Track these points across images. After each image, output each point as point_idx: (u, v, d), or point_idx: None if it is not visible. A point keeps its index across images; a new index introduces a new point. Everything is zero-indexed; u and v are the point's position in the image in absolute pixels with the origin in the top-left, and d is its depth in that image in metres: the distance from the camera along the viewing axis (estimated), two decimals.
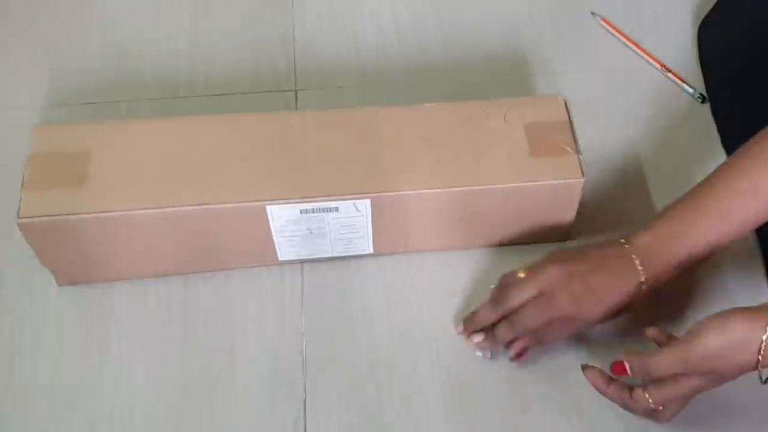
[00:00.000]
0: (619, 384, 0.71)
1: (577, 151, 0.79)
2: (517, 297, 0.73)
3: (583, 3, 1.05)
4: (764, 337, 0.61)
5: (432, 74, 0.99)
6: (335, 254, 0.83)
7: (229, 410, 0.76)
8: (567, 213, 0.82)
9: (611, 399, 0.71)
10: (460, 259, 0.85)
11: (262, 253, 0.81)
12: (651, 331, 0.74)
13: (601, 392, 0.72)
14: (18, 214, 0.74)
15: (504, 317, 0.74)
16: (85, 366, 0.78)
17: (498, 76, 0.99)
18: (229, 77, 0.98)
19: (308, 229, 0.79)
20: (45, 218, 0.74)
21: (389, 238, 0.82)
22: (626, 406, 0.71)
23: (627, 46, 1.02)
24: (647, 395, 0.68)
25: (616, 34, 1.02)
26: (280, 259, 0.83)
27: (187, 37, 1.02)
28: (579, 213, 0.83)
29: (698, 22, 1.03)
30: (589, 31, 1.03)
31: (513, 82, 0.99)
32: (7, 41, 1.01)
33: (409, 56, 1.01)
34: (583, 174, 0.78)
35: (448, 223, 0.81)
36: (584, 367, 0.73)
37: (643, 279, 0.72)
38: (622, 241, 0.73)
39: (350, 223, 0.79)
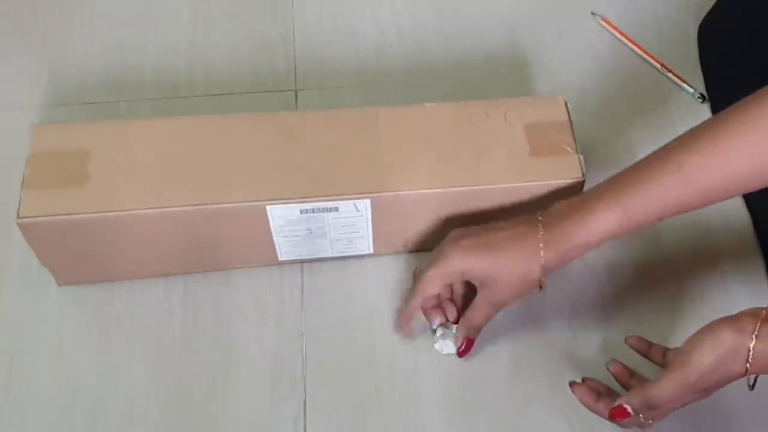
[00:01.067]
0: (608, 400, 0.70)
1: (577, 151, 0.79)
2: (420, 267, 0.75)
3: (583, 3, 1.05)
4: (751, 345, 0.61)
5: (432, 74, 0.99)
6: (335, 254, 0.83)
7: (229, 410, 0.76)
8: None
9: (601, 415, 0.70)
10: None
11: (262, 253, 0.81)
12: (632, 340, 0.74)
13: (590, 409, 0.71)
14: (18, 214, 0.73)
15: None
16: (85, 366, 0.78)
17: (498, 76, 0.99)
18: (229, 77, 0.98)
19: (308, 229, 0.79)
20: (45, 218, 0.74)
21: (389, 238, 0.82)
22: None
23: (627, 46, 1.02)
24: (640, 416, 0.67)
25: (616, 34, 1.02)
26: (280, 259, 0.83)
27: (187, 37, 1.02)
28: None
29: (698, 22, 1.03)
30: (589, 31, 1.03)
31: (513, 82, 0.99)
32: (7, 41, 1.01)
33: (409, 56, 1.01)
34: (583, 174, 0.78)
35: (448, 223, 0.81)
36: (572, 384, 0.73)
37: (541, 244, 0.70)
38: (539, 216, 0.72)
39: (350, 223, 0.79)
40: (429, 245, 0.84)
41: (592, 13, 1.04)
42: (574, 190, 0.79)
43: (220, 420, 0.76)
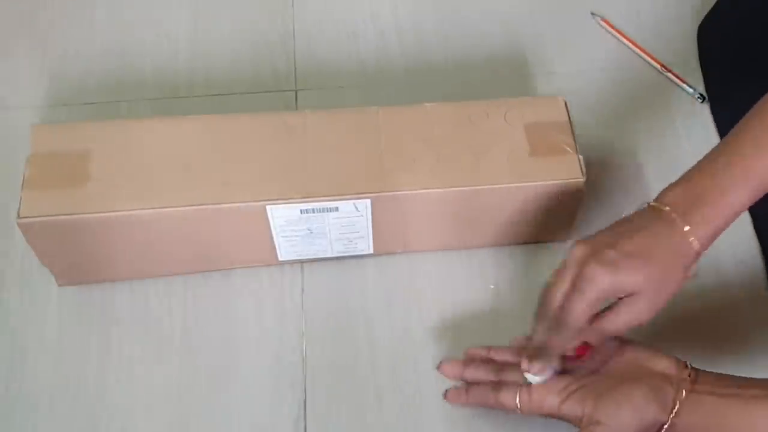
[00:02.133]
0: (480, 389, 0.71)
1: (577, 151, 0.79)
2: (555, 293, 0.66)
3: (583, 3, 1.05)
4: (668, 423, 0.62)
5: (432, 74, 0.99)
6: (335, 254, 0.83)
7: (229, 410, 0.76)
8: (567, 213, 0.82)
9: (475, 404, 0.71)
10: (460, 259, 0.85)
11: (262, 253, 0.81)
12: (517, 340, 0.74)
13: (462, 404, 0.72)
14: (18, 214, 0.73)
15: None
16: (85, 366, 0.78)
17: (498, 76, 0.99)
18: (229, 77, 0.98)
19: (308, 229, 0.79)
20: (45, 218, 0.74)
21: (389, 238, 0.82)
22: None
23: (627, 46, 1.02)
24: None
25: (616, 34, 1.02)
26: (280, 259, 0.83)
27: (187, 37, 1.02)
28: (579, 213, 0.83)
29: (698, 22, 1.03)
30: (589, 31, 1.03)
31: (513, 82, 0.99)
32: (7, 41, 1.01)
33: (409, 56, 1.01)
34: (583, 174, 0.78)
35: (448, 223, 0.81)
36: (445, 394, 0.73)
37: (687, 230, 0.64)
38: (651, 203, 0.67)
39: (350, 223, 0.79)
40: (429, 245, 0.84)
41: (592, 14, 1.04)
42: (574, 190, 0.79)
43: (220, 419, 0.76)
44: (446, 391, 0.73)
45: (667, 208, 0.65)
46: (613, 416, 0.63)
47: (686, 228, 0.64)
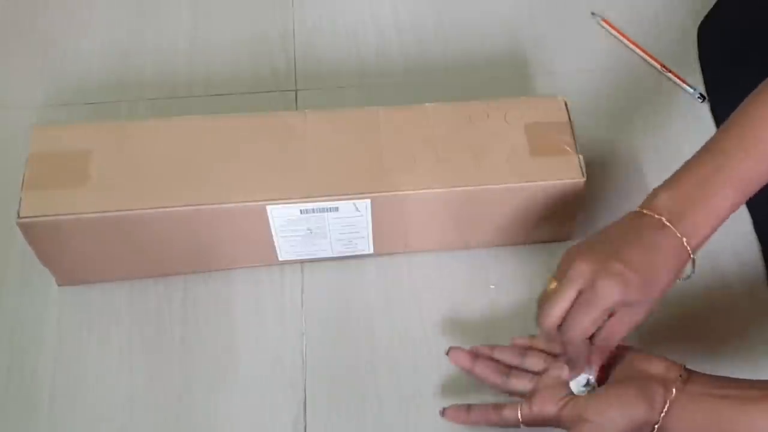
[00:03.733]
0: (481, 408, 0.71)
1: (577, 151, 0.79)
2: (558, 308, 0.64)
3: (583, 3, 1.05)
4: (658, 424, 0.62)
5: (432, 74, 0.99)
6: (335, 254, 0.83)
7: (229, 410, 0.76)
8: (567, 213, 0.82)
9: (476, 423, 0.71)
10: (460, 259, 0.85)
11: (262, 253, 0.81)
12: (518, 340, 0.74)
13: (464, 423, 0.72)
14: (18, 214, 0.73)
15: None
16: (85, 366, 0.78)
17: (498, 76, 0.99)
18: (229, 77, 0.98)
19: (308, 229, 0.79)
20: (45, 218, 0.74)
21: (389, 238, 0.82)
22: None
23: (627, 46, 1.02)
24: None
25: (616, 34, 1.02)
26: (280, 259, 0.83)
27: (187, 37, 1.02)
28: (579, 213, 0.83)
29: (698, 22, 1.03)
30: (589, 31, 1.03)
31: (513, 82, 0.99)
32: (7, 41, 1.01)
33: (409, 56, 1.01)
34: (583, 174, 0.78)
35: (449, 223, 0.81)
36: (442, 412, 0.73)
37: (680, 236, 0.64)
38: (641, 210, 0.67)
39: (350, 223, 0.79)
40: (429, 245, 0.84)
41: (592, 13, 1.04)
42: (574, 190, 0.79)
43: (220, 420, 0.76)
44: (444, 409, 0.73)
45: (659, 216, 0.65)
46: (601, 415, 0.63)
47: (680, 234, 0.64)
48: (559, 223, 0.83)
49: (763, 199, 0.87)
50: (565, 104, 0.82)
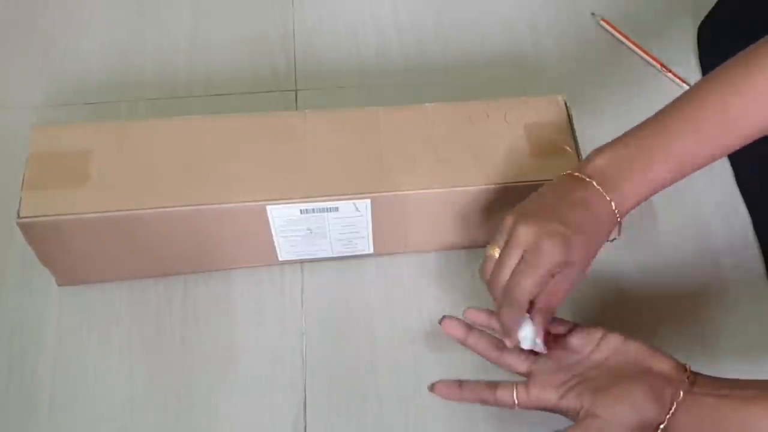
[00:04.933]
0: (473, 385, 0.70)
1: (577, 151, 0.79)
2: (507, 269, 0.66)
3: (583, 3, 1.05)
4: (664, 424, 0.62)
5: (432, 74, 0.99)
6: (335, 254, 0.83)
7: (228, 410, 0.76)
8: None
9: (468, 401, 0.70)
10: (460, 259, 0.85)
11: (262, 253, 0.81)
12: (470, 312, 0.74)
13: (456, 400, 0.71)
14: (18, 214, 0.73)
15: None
16: (85, 366, 0.78)
17: (498, 76, 0.99)
18: (229, 77, 0.98)
19: (308, 229, 0.79)
20: (45, 218, 0.74)
21: (389, 238, 0.82)
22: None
23: (627, 46, 1.02)
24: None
25: (616, 34, 1.02)
26: (280, 259, 0.83)
27: (187, 37, 1.02)
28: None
29: (698, 22, 1.03)
30: (589, 31, 1.03)
31: (513, 82, 0.99)
32: (7, 41, 1.01)
33: (409, 56, 1.01)
34: None
35: (448, 223, 0.81)
36: (432, 386, 0.71)
37: (612, 204, 0.67)
38: (574, 173, 0.69)
39: (350, 223, 0.79)
40: (429, 245, 0.84)
41: (592, 14, 1.04)
42: None
43: (220, 420, 0.76)
44: (433, 384, 0.71)
45: (593, 181, 0.67)
46: (610, 411, 0.63)
47: (611, 201, 0.67)
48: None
49: (763, 199, 0.88)
50: (565, 104, 0.82)
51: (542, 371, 0.68)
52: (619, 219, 0.68)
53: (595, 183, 0.67)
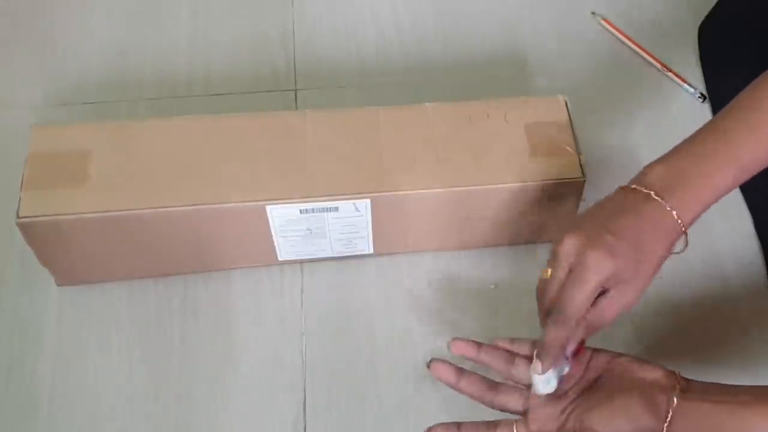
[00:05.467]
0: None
1: (577, 151, 0.79)
2: (551, 288, 0.64)
3: (583, 3, 1.05)
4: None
5: (432, 74, 0.99)
6: (335, 254, 0.83)
7: (228, 410, 0.76)
8: (567, 213, 0.82)
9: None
10: (460, 258, 0.85)
11: (262, 253, 0.81)
12: (499, 341, 0.71)
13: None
14: (18, 214, 0.73)
15: None
16: (85, 366, 0.78)
17: (498, 76, 0.99)
18: (229, 77, 0.98)
19: (308, 229, 0.79)
20: (45, 218, 0.74)
21: (389, 238, 0.82)
22: None
23: (627, 46, 1.02)
24: None
25: (616, 34, 1.02)
26: (280, 259, 0.83)
27: (187, 37, 1.02)
28: (579, 213, 0.83)
29: (698, 22, 1.03)
30: (589, 31, 1.03)
31: (513, 82, 0.99)
32: (7, 41, 1.01)
33: (409, 56, 1.01)
34: (583, 174, 0.78)
35: (448, 223, 0.81)
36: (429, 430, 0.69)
37: (673, 213, 0.64)
38: (630, 185, 0.66)
39: (350, 223, 0.79)
40: (429, 245, 0.84)
41: (592, 13, 1.04)
42: (574, 190, 0.79)
43: (220, 420, 0.76)
44: (429, 429, 0.68)
45: (651, 192, 0.65)
46: (608, 425, 0.62)
47: (669, 208, 0.64)
48: (559, 223, 0.83)
49: (763, 200, 0.88)
50: (565, 104, 0.82)
51: (539, 405, 0.66)
52: (683, 229, 0.64)
53: (653, 193, 0.64)
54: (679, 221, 0.64)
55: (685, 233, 0.65)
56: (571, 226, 0.65)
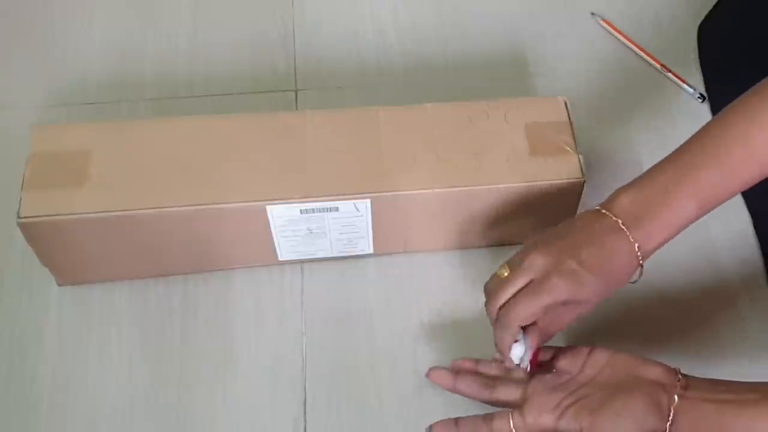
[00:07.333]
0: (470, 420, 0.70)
1: (577, 151, 0.79)
2: (506, 294, 0.67)
3: (583, 3, 1.05)
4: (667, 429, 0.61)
5: (432, 74, 0.99)
6: (335, 254, 0.83)
7: (228, 410, 0.76)
8: (567, 213, 0.82)
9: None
10: (460, 259, 0.85)
11: (262, 253, 0.81)
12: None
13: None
14: (18, 214, 0.74)
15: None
16: (85, 366, 0.78)
17: (498, 76, 0.99)
18: (229, 77, 0.98)
19: (308, 229, 0.79)
20: (45, 218, 0.74)
21: (389, 238, 0.82)
22: None
23: (627, 46, 1.02)
24: None
25: (616, 34, 1.02)
26: (280, 259, 0.83)
27: (187, 37, 1.02)
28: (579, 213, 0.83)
29: (698, 22, 1.03)
30: (589, 31, 1.03)
31: (513, 82, 0.99)
32: (7, 41, 1.01)
33: (409, 56, 1.01)
34: (583, 174, 0.78)
35: (448, 223, 0.81)
36: (429, 430, 0.71)
37: (635, 243, 0.66)
38: (601, 209, 0.68)
39: (350, 223, 0.79)
40: (429, 245, 0.84)
41: (592, 13, 1.04)
42: (574, 190, 0.79)
43: (220, 420, 0.76)
44: (431, 426, 0.70)
45: (618, 219, 0.67)
46: (612, 427, 0.62)
47: (634, 242, 0.66)
48: (559, 223, 0.83)
49: (763, 200, 0.88)
50: (565, 104, 0.82)
51: (536, 395, 0.67)
52: (641, 262, 0.67)
53: (620, 222, 0.67)
54: (639, 254, 0.66)
55: (641, 265, 0.67)
56: (543, 242, 0.68)
